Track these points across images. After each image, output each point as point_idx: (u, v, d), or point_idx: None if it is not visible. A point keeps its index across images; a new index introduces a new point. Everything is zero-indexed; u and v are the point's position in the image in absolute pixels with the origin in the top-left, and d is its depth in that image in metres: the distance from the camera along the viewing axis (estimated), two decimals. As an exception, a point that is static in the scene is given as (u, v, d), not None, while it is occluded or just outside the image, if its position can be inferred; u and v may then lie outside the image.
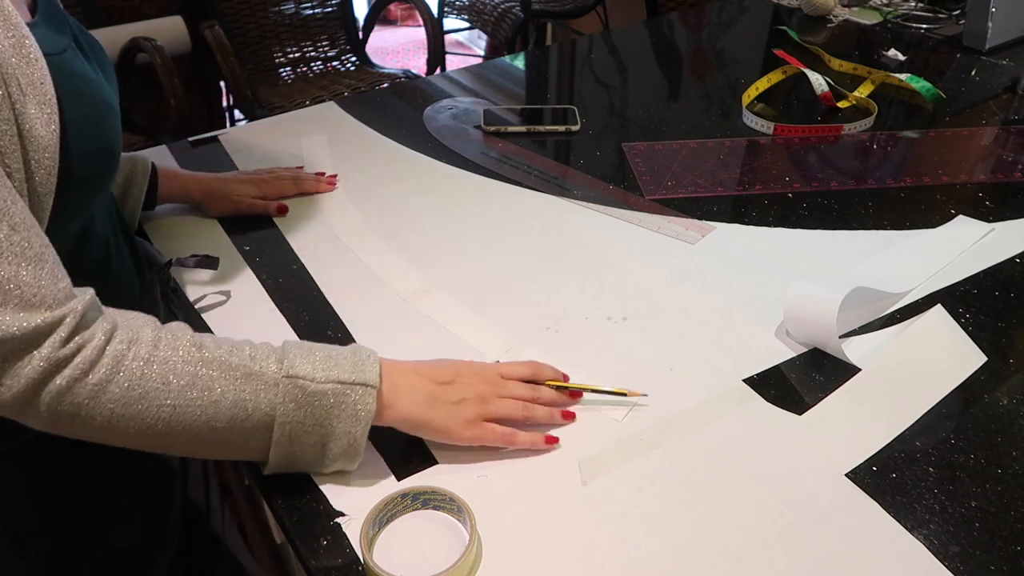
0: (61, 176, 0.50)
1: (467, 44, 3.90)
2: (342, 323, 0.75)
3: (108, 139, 0.56)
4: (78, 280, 0.59)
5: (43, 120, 0.48)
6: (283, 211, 0.90)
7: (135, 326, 0.50)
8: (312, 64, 2.32)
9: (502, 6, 2.53)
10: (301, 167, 0.97)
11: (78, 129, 0.52)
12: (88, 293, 0.50)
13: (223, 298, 0.78)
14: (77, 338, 0.47)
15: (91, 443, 0.53)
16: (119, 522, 0.67)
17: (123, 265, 0.66)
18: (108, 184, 0.59)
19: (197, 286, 0.79)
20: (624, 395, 0.65)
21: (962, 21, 1.49)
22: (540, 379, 0.63)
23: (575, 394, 0.64)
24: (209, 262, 0.77)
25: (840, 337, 0.70)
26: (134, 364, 0.48)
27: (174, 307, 0.73)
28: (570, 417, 0.63)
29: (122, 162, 0.79)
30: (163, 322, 0.68)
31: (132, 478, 0.69)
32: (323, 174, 0.96)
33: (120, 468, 0.67)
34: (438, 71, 2.34)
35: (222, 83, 2.31)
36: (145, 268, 0.70)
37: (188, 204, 0.88)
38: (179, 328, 0.52)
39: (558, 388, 0.64)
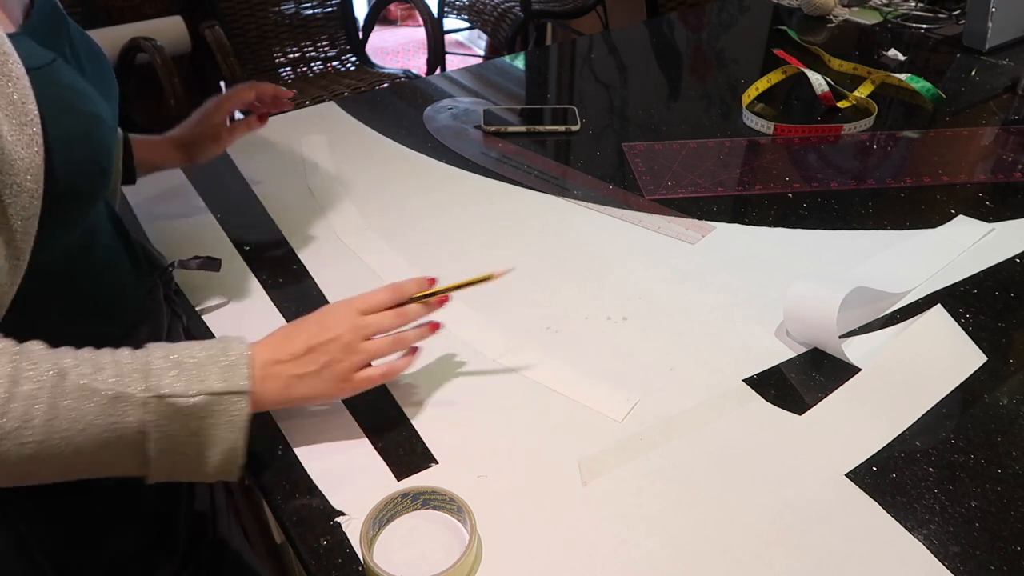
0: (48, 196, 0.49)
1: (467, 44, 3.90)
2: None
3: (98, 153, 0.54)
4: (81, 289, 0.58)
5: (23, 142, 0.46)
6: (263, 120, 0.86)
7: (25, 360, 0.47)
8: (312, 64, 2.32)
9: (502, 6, 2.53)
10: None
11: (65, 145, 0.50)
12: None
13: (224, 299, 0.78)
14: None
15: None
16: (123, 528, 0.67)
17: (125, 271, 0.65)
18: (101, 198, 0.58)
19: (198, 288, 0.79)
20: (489, 278, 0.63)
21: (962, 21, 1.49)
22: (404, 298, 0.62)
23: (443, 299, 0.63)
24: (211, 264, 0.77)
25: (840, 337, 0.70)
26: None
27: (178, 309, 0.73)
28: (436, 328, 0.63)
29: None
30: (167, 325, 0.68)
31: (137, 484, 0.69)
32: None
33: (123, 479, 0.67)
34: (438, 71, 2.34)
35: (222, 83, 2.31)
36: (147, 272, 0.70)
37: (172, 167, 0.86)
38: (38, 354, 0.49)
39: (423, 299, 0.62)
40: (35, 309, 0.54)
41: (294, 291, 0.79)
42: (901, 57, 1.39)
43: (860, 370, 0.68)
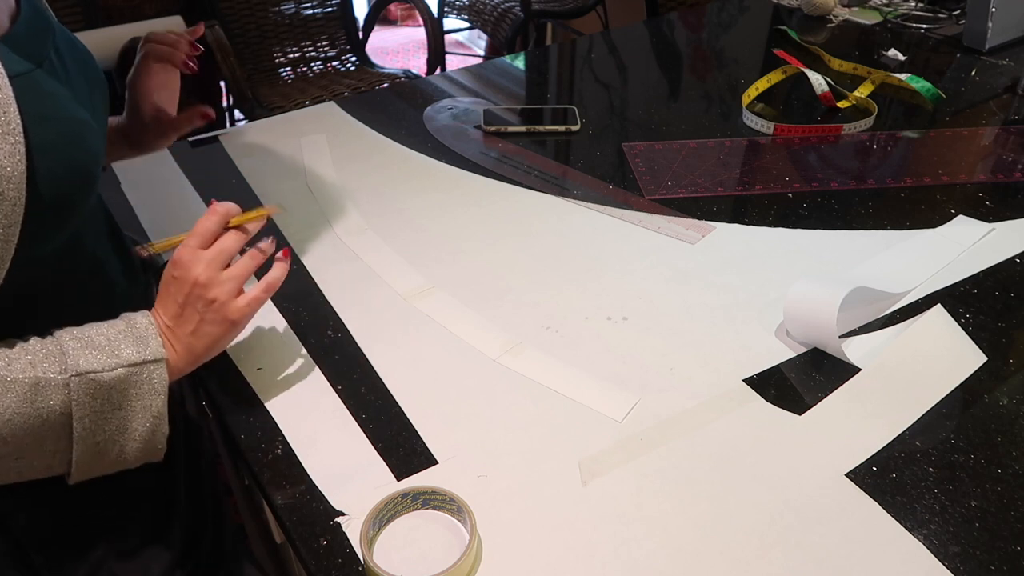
0: (32, 203, 0.49)
1: (467, 44, 3.90)
2: (342, 323, 0.75)
3: (83, 160, 0.54)
4: (69, 291, 0.58)
5: (5, 151, 0.46)
6: (207, 118, 0.79)
7: None
8: (312, 64, 2.32)
9: (502, 6, 2.53)
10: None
11: (48, 153, 0.50)
12: None
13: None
14: None
15: None
16: (119, 528, 0.67)
17: (116, 271, 0.65)
18: (87, 204, 0.57)
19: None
20: (264, 214, 0.65)
21: (962, 21, 1.49)
22: (230, 215, 0.63)
23: (262, 218, 0.65)
24: None
25: (840, 337, 0.70)
26: None
27: None
28: (287, 253, 0.66)
29: None
30: None
31: (133, 486, 0.69)
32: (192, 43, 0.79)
33: (120, 475, 0.67)
34: (438, 71, 2.34)
35: (222, 83, 2.31)
36: (139, 272, 0.70)
37: (128, 155, 0.81)
38: None
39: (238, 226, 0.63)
40: (23, 309, 0.54)
41: (294, 291, 0.79)
42: (901, 57, 1.39)
43: (860, 370, 0.68)
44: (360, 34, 2.42)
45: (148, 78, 0.77)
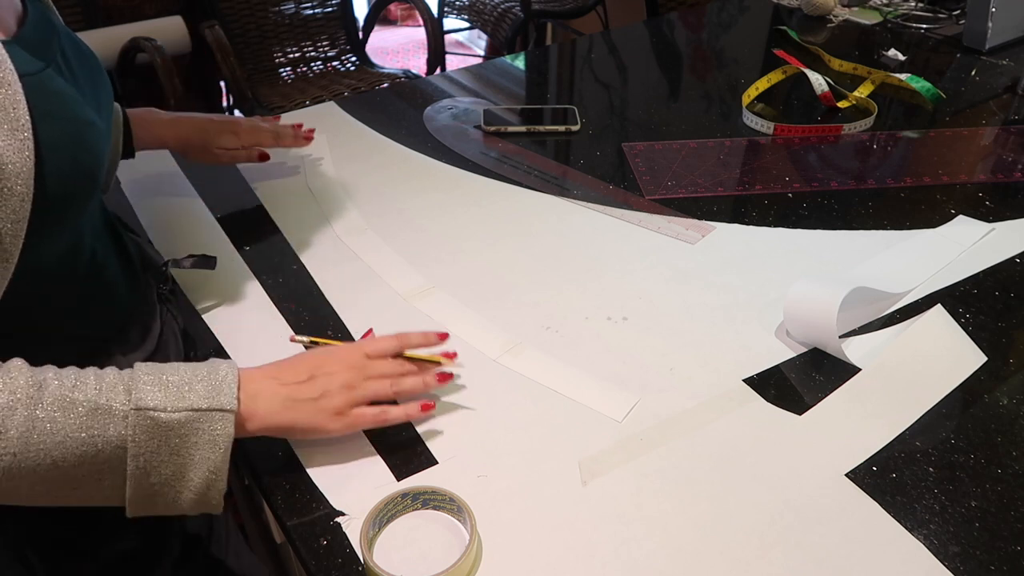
0: (37, 200, 0.49)
1: (467, 44, 3.90)
2: (342, 323, 0.75)
3: (88, 160, 0.54)
4: (66, 292, 0.58)
5: (14, 147, 0.47)
6: (264, 159, 0.90)
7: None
8: (312, 64, 2.32)
9: (502, 6, 2.53)
10: (276, 118, 0.96)
11: (55, 151, 0.50)
12: None
13: (224, 300, 0.78)
14: None
15: None
16: (118, 530, 0.67)
17: (116, 271, 0.65)
18: (91, 204, 0.58)
19: (198, 288, 0.79)
20: (439, 363, 0.64)
21: (962, 21, 1.49)
22: (408, 347, 0.63)
23: (444, 377, 0.63)
24: (206, 262, 0.77)
25: (840, 337, 0.70)
26: None
27: (173, 310, 0.73)
28: (428, 408, 0.62)
29: None
30: (160, 326, 0.68)
31: None
32: (299, 126, 0.95)
33: None
34: (438, 71, 2.34)
35: (222, 83, 2.31)
36: (139, 272, 0.70)
37: (164, 148, 0.88)
38: (16, 368, 0.49)
39: (415, 360, 0.63)
40: (23, 308, 0.54)
41: (294, 291, 0.79)
42: (901, 57, 1.39)
43: (860, 370, 0.68)
44: (360, 34, 2.42)
45: (243, 139, 0.87)
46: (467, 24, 2.84)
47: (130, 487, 0.51)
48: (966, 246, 0.86)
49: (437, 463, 0.60)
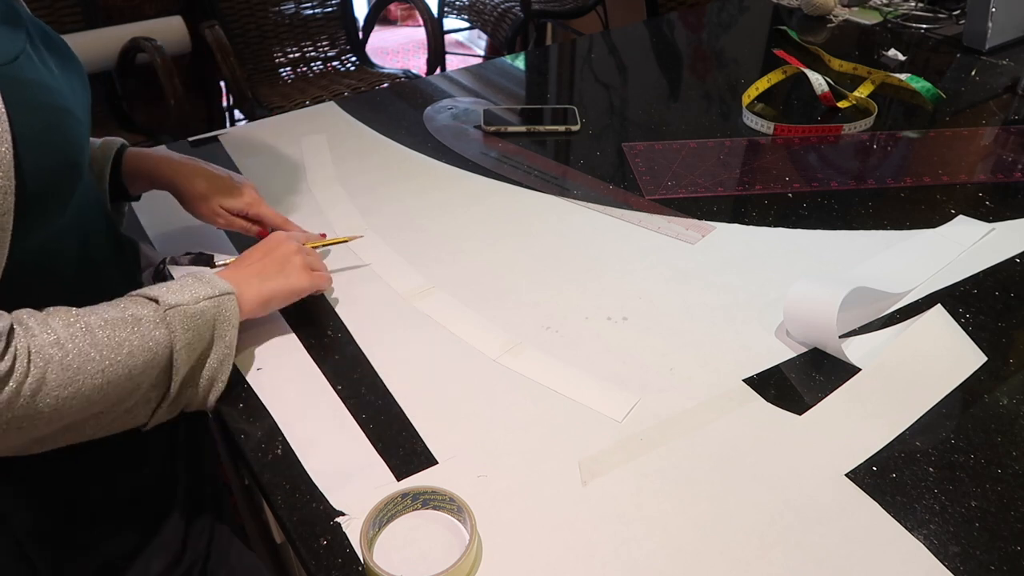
0: (20, 191, 0.49)
1: (467, 44, 3.90)
2: (342, 323, 0.75)
3: (67, 149, 0.54)
4: (52, 287, 0.59)
5: None
6: (263, 236, 0.78)
7: (28, 321, 0.52)
8: (312, 64, 2.32)
9: (502, 6, 2.53)
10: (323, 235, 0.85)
11: (33, 143, 0.50)
12: (3, 313, 0.51)
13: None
14: (9, 351, 0.49)
15: (88, 452, 0.53)
16: (118, 528, 0.67)
17: (107, 268, 0.65)
18: (73, 194, 0.58)
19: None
20: (345, 240, 0.82)
21: (962, 21, 1.49)
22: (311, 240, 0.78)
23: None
24: (204, 259, 0.77)
25: (840, 337, 0.70)
26: (53, 351, 0.51)
27: None
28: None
29: (99, 148, 0.76)
30: None
31: (131, 484, 0.69)
32: (323, 236, 0.84)
33: (118, 475, 0.67)
34: (438, 71, 2.34)
35: (222, 83, 2.31)
36: (136, 270, 0.70)
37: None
38: (58, 310, 0.54)
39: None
40: (11, 304, 0.54)
41: (294, 291, 0.79)
42: (901, 57, 1.39)
43: (860, 370, 0.68)
44: (360, 34, 2.42)
45: (251, 212, 0.82)
46: (467, 24, 2.84)
47: (175, 384, 0.59)
48: (966, 246, 0.86)
49: (437, 463, 0.60)
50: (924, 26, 1.54)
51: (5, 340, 0.48)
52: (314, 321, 0.75)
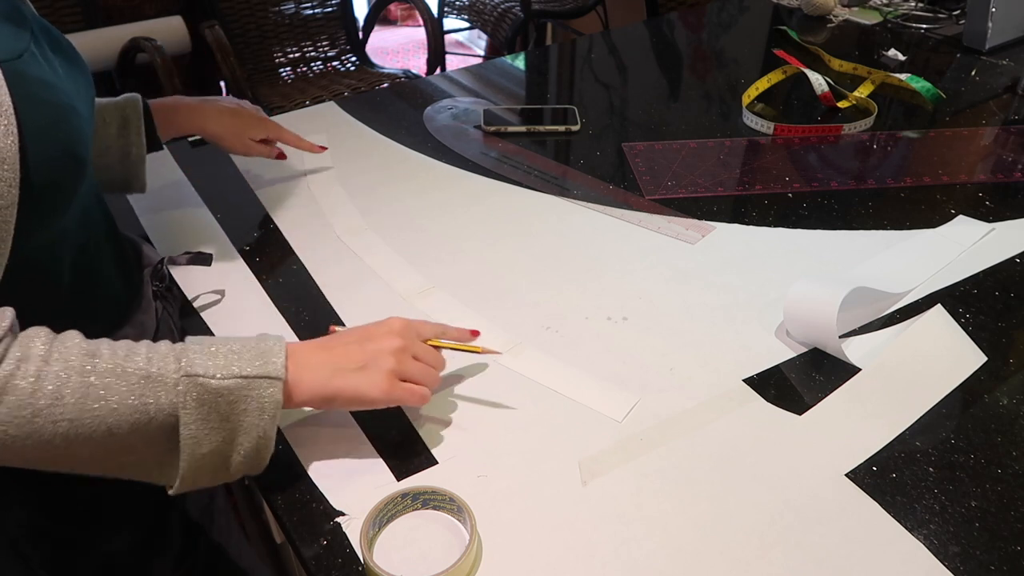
0: (25, 186, 0.49)
1: (467, 44, 3.90)
2: (342, 323, 0.75)
3: (72, 145, 0.54)
4: (53, 286, 0.58)
5: None
6: (282, 158, 0.95)
7: (25, 342, 0.48)
8: (312, 64, 2.32)
9: (502, 6, 2.53)
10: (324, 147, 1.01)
11: (38, 138, 0.50)
12: (7, 313, 0.48)
13: (218, 297, 0.78)
14: None
15: None
16: (117, 528, 0.67)
17: (105, 268, 0.65)
18: (77, 191, 0.57)
19: (198, 287, 0.79)
20: (481, 351, 0.65)
21: (962, 21, 1.49)
22: (444, 338, 0.64)
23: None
24: (202, 259, 0.76)
25: (840, 337, 0.70)
26: (23, 383, 0.47)
27: (168, 307, 0.73)
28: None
29: (110, 111, 0.77)
30: (156, 323, 0.68)
31: (130, 484, 0.68)
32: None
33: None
34: (438, 71, 2.34)
35: (222, 83, 2.31)
36: (133, 269, 0.70)
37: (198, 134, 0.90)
38: (71, 337, 0.50)
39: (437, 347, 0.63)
40: (13, 304, 0.54)
41: (294, 291, 0.79)
42: (901, 57, 1.39)
43: (860, 370, 0.68)
44: (360, 34, 2.42)
45: (267, 131, 0.91)
46: (467, 24, 2.84)
47: (183, 458, 0.51)
48: (966, 246, 0.86)
49: (437, 463, 0.60)
50: (924, 26, 1.54)
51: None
52: (314, 321, 0.75)
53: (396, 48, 3.82)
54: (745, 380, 0.68)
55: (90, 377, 0.48)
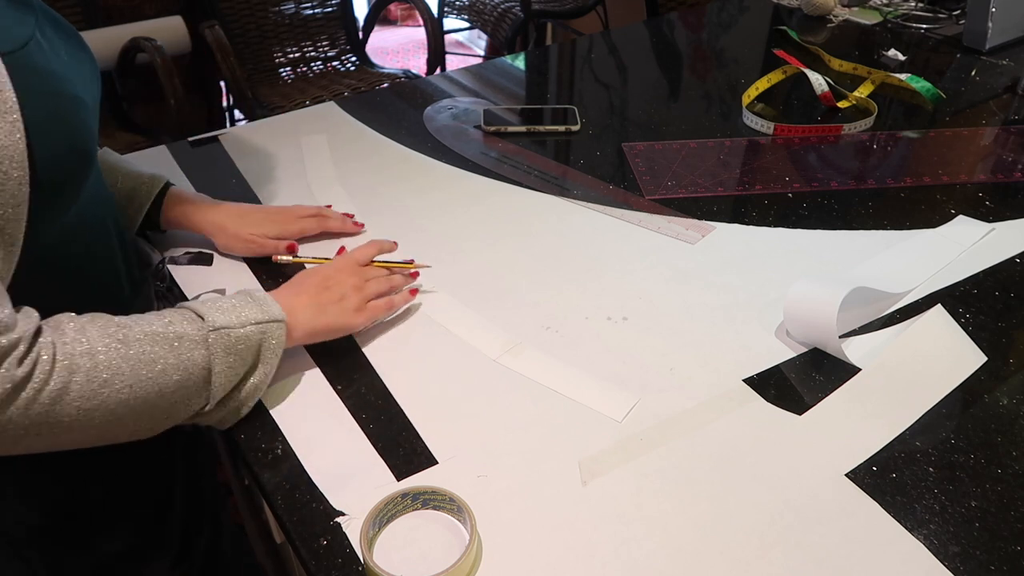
0: (32, 183, 0.49)
1: (467, 44, 3.90)
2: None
3: (79, 137, 0.54)
4: (57, 285, 0.58)
5: (4, 130, 0.46)
6: (293, 250, 0.82)
7: (66, 327, 0.51)
8: (312, 64, 2.32)
9: (502, 6, 2.53)
10: (329, 206, 0.89)
11: (44, 131, 0.50)
12: (34, 315, 0.50)
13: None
14: (31, 355, 0.48)
15: (86, 451, 0.53)
16: (115, 527, 0.67)
17: (112, 266, 0.65)
18: (85, 184, 0.57)
19: (197, 287, 0.79)
20: (409, 266, 0.77)
21: (962, 21, 1.49)
22: (384, 249, 0.76)
23: (415, 273, 0.77)
24: (203, 258, 0.76)
25: (840, 337, 0.70)
26: (83, 361, 0.50)
27: (169, 307, 0.73)
28: (415, 274, 0.77)
29: (133, 176, 0.76)
30: None
31: (129, 483, 0.69)
32: (351, 216, 0.88)
33: (116, 474, 0.67)
34: (438, 71, 2.34)
35: (222, 83, 2.31)
36: (137, 268, 0.70)
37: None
38: (100, 317, 0.54)
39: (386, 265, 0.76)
40: (22, 301, 0.54)
41: (294, 291, 0.79)
42: (901, 57, 1.39)
43: (860, 370, 0.68)
44: (360, 34, 2.42)
45: (279, 227, 0.83)
46: (467, 24, 2.84)
47: (211, 405, 0.58)
48: (966, 246, 0.86)
49: (437, 463, 0.60)
50: (924, 26, 1.54)
51: (28, 343, 0.48)
52: (314, 321, 0.75)
53: (396, 48, 3.82)
54: (745, 380, 0.68)
55: (132, 347, 0.53)
